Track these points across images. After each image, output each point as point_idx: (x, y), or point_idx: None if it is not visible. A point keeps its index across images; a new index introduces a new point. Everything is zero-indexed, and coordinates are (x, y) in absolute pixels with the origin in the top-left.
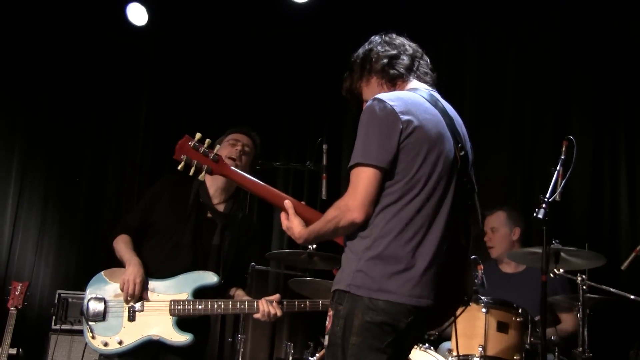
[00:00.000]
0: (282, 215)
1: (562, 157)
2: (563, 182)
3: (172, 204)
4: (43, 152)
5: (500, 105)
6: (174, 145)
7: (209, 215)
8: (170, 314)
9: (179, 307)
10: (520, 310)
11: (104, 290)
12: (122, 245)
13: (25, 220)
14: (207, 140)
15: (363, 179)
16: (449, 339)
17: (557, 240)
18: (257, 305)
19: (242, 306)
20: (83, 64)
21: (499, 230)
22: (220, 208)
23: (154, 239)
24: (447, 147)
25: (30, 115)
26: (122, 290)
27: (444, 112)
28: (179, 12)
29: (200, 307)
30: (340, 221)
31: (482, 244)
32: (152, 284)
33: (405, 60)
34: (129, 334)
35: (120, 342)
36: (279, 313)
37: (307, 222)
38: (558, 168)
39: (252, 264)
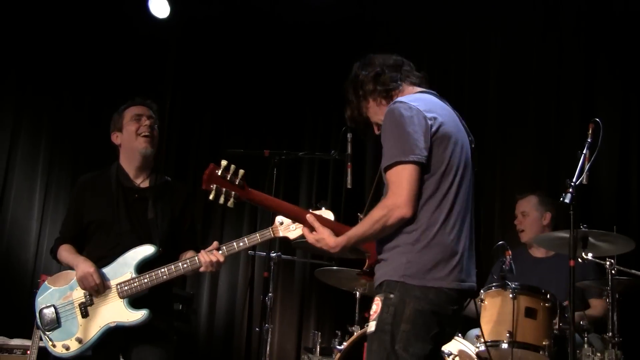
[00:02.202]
0: (305, 230)
1: (589, 140)
2: (589, 165)
3: (97, 199)
4: (69, 146)
5: (525, 90)
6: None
7: (137, 195)
8: (120, 297)
9: (126, 287)
10: (548, 296)
11: (51, 298)
12: (65, 253)
13: (52, 215)
14: (232, 167)
15: (406, 176)
16: (477, 325)
17: (585, 225)
18: (199, 260)
19: (185, 265)
20: (106, 57)
21: (530, 214)
22: (146, 184)
23: (95, 236)
24: (464, 138)
25: (55, 110)
26: (84, 289)
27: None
28: (201, 4)
29: (145, 280)
30: (389, 220)
31: (513, 229)
32: None
33: (390, 72)
34: (87, 330)
35: (80, 341)
36: (220, 259)
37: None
38: (584, 151)
39: (279, 253)
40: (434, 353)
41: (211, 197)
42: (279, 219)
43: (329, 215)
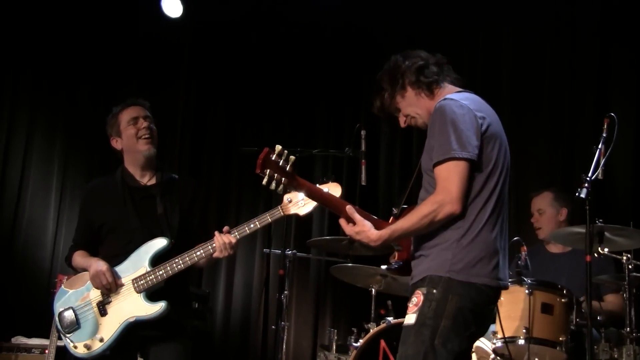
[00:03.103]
0: (342, 221)
1: (604, 134)
2: (604, 160)
3: (105, 203)
4: (84, 145)
5: (539, 85)
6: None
7: (144, 193)
8: (137, 292)
9: (142, 281)
10: (564, 291)
11: (69, 300)
12: (79, 259)
13: (68, 214)
14: (285, 152)
15: (457, 172)
16: (493, 321)
17: (601, 220)
18: (212, 244)
19: (199, 252)
20: (120, 57)
21: (546, 211)
22: (152, 182)
23: (107, 238)
24: (505, 140)
25: (69, 109)
26: (96, 287)
27: None
28: (213, 3)
29: (160, 272)
30: (438, 215)
31: (529, 226)
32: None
33: (433, 67)
34: (107, 328)
35: (101, 339)
36: (233, 241)
37: None
38: (600, 146)
39: (294, 251)
40: (468, 352)
41: (264, 181)
42: (287, 197)
43: (336, 190)
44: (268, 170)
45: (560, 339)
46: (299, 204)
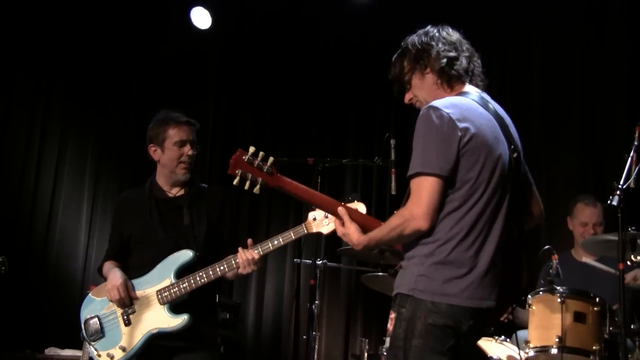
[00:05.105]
0: (336, 222)
1: (635, 143)
2: (637, 169)
3: (133, 214)
4: (115, 156)
5: (569, 93)
6: (234, 151)
7: (171, 205)
8: (161, 304)
9: (165, 293)
10: (597, 300)
11: (95, 308)
12: (106, 268)
13: (100, 225)
14: (261, 153)
15: (426, 188)
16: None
17: (633, 227)
18: (235, 260)
19: (222, 267)
20: (151, 68)
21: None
22: (180, 193)
23: (135, 249)
24: (502, 150)
25: (101, 120)
26: (112, 301)
27: (496, 115)
28: (242, 14)
29: (184, 285)
30: (405, 229)
31: (559, 233)
32: (136, 282)
33: (463, 62)
34: (130, 338)
35: (124, 349)
36: (255, 257)
37: (362, 228)
38: (632, 154)
39: (324, 261)
40: None
41: (235, 182)
42: (311, 214)
43: (361, 208)
44: (239, 171)
45: (594, 348)
46: (323, 222)
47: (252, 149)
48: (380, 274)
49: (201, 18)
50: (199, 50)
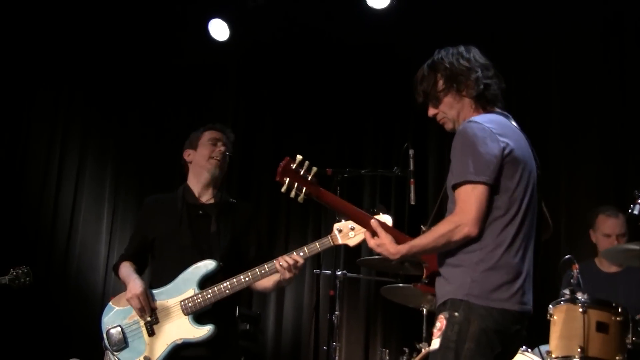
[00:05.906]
0: (367, 234)
1: None
2: None
3: (163, 217)
4: (134, 168)
5: (589, 101)
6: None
7: (200, 212)
8: (185, 314)
9: (190, 304)
10: (619, 309)
11: (117, 318)
12: (124, 269)
13: (120, 236)
14: (307, 163)
15: (475, 195)
16: (546, 341)
17: None
18: (262, 272)
19: (247, 277)
20: (169, 80)
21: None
22: (210, 201)
23: (158, 251)
24: (532, 165)
25: (121, 132)
26: (134, 308)
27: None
28: (260, 26)
29: (209, 295)
30: (455, 235)
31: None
32: (159, 292)
33: (496, 88)
34: (154, 349)
35: (148, 359)
36: (300, 260)
37: None
38: None
39: (344, 271)
40: None
41: (283, 189)
42: (337, 226)
43: (387, 219)
44: (287, 179)
45: (617, 358)
46: (349, 234)
47: (299, 158)
48: (400, 285)
49: (219, 30)
50: (217, 62)
